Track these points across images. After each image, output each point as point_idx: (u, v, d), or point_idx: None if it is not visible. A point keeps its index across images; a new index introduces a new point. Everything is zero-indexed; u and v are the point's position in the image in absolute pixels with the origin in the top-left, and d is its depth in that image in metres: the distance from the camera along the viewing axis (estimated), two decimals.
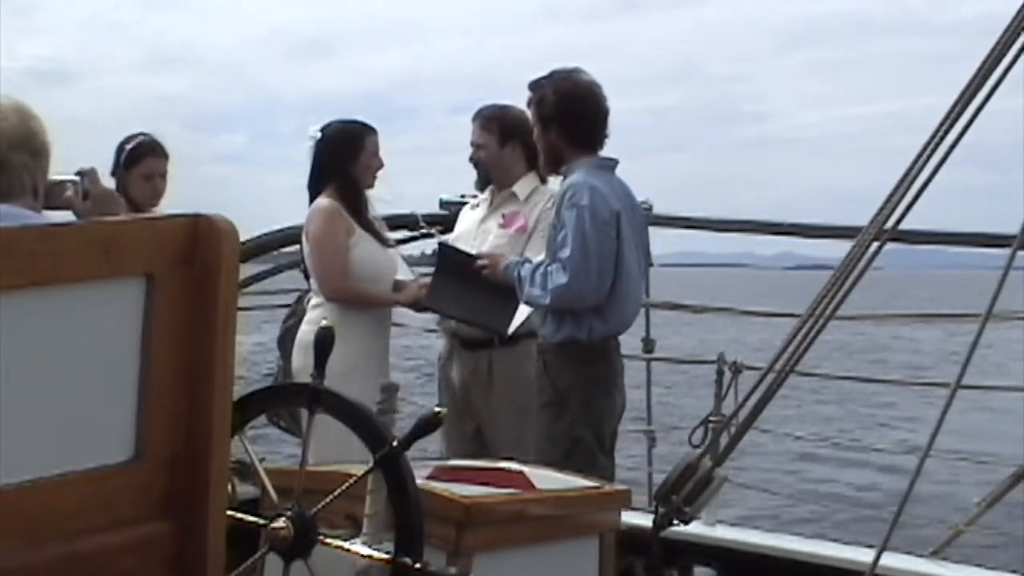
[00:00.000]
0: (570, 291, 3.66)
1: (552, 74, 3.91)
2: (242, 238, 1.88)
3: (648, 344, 5.25)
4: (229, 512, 1.89)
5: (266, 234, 4.58)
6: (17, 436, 1.52)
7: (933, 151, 2.20)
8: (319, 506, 2.29)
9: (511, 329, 4.01)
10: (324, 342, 2.41)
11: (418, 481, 2.32)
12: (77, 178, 2.89)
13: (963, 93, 2.16)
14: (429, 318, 4.60)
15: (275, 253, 4.88)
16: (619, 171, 3.94)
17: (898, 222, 2.26)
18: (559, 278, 3.66)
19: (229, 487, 1.88)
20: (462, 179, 4.44)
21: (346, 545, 2.31)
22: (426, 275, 4.21)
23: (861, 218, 2.42)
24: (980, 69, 2.14)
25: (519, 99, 4.06)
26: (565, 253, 3.66)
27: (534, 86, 3.94)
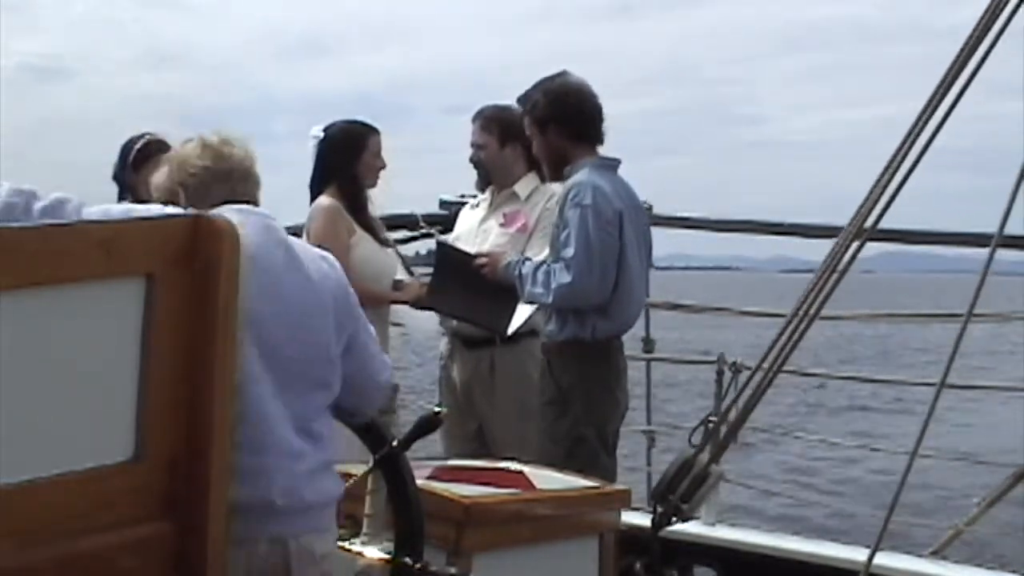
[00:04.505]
0: (573, 290, 3.66)
1: (538, 82, 3.90)
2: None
3: (648, 344, 5.25)
4: None
5: None
6: (17, 436, 1.52)
7: (907, 152, 2.22)
8: None
9: (511, 329, 4.01)
10: None
11: (418, 481, 2.32)
12: None
13: (932, 97, 2.19)
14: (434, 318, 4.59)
15: None
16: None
17: (877, 220, 2.26)
18: (562, 277, 3.66)
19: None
20: (455, 180, 4.45)
21: (346, 545, 2.32)
22: (425, 274, 4.20)
23: None
24: (947, 74, 2.18)
25: (514, 99, 4.03)
26: (569, 252, 3.66)
27: (523, 99, 3.92)
